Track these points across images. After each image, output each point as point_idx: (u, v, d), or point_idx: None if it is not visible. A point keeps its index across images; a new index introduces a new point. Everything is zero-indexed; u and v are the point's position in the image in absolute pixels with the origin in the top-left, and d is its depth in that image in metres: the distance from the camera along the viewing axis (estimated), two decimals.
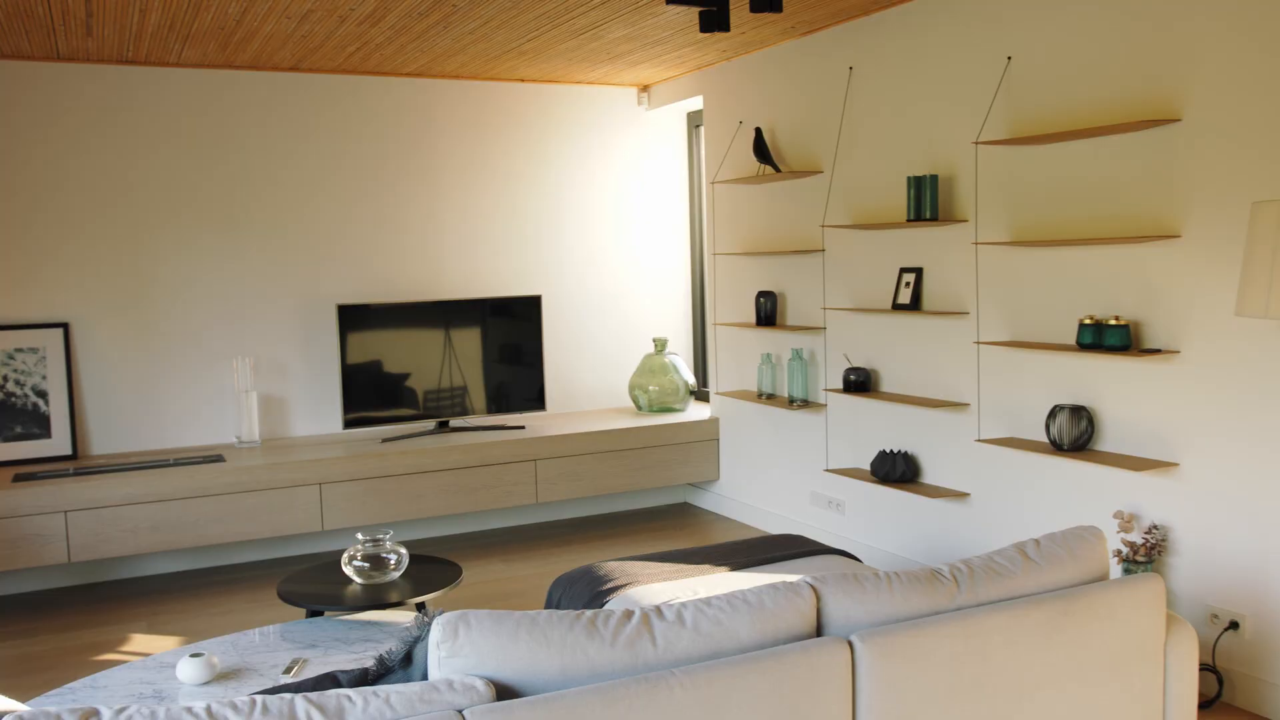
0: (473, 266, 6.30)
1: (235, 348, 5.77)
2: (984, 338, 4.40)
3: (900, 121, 4.77)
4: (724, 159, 6.05)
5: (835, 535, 5.37)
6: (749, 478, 6.09)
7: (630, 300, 6.76)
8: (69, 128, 5.41)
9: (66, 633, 4.60)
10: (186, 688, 3.08)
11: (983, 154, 4.35)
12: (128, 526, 4.95)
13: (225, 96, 5.69)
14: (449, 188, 6.23)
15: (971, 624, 2.28)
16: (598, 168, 6.60)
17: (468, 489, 5.66)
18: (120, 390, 5.55)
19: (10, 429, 5.28)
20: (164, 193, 5.60)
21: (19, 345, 5.32)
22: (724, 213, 6.13)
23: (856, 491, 5.23)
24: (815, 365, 5.45)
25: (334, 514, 5.36)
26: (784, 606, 2.25)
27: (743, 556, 3.92)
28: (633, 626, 2.14)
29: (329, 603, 3.69)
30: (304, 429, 5.96)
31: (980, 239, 4.38)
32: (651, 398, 6.42)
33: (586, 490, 5.97)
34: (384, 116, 6.05)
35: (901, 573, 2.39)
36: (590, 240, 6.61)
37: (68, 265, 5.43)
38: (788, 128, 5.52)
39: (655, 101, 6.61)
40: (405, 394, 5.90)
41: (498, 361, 6.10)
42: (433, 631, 2.07)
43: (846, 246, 5.16)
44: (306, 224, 5.91)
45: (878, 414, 5.03)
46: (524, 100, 6.38)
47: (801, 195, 5.46)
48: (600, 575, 3.73)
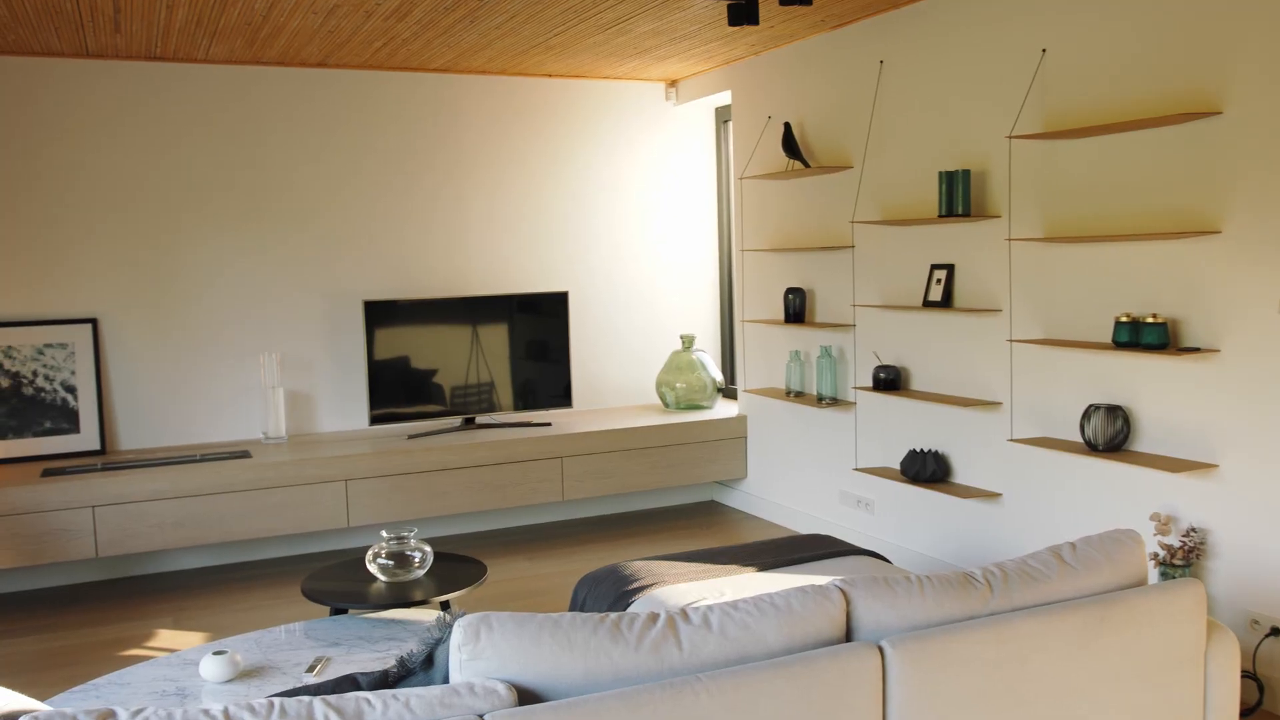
0: (499, 262, 6.28)
1: (262, 343, 5.77)
2: (1017, 335, 4.32)
3: (932, 116, 4.69)
4: (752, 154, 5.99)
5: (864, 535, 5.31)
6: (777, 476, 6.04)
7: (658, 297, 6.71)
8: (98, 124, 5.42)
9: (92, 628, 4.61)
10: (209, 685, 3.07)
11: (1016, 148, 4.27)
12: (154, 522, 4.96)
13: (253, 92, 5.69)
14: (476, 184, 6.20)
15: (1006, 630, 2.22)
16: (625, 163, 6.56)
17: (493, 486, 5.64)
18: (148, 385, 5.57)
19: (40, 424, 5.30)
20: (192, 188, 5.61)
21: (48, 340, 5.34)
22: (752, 208, 6.07)
23: (886, 491, 5.17)
24: (844, 363, 5.39)
25: (360, 510, 5.35)
26: (813, 610, 2.19)
27: (770, 557, 3.86)
28: (658, 630, 2.10)
29: (353, 601, 3.67)
30: (330, 425, 5.95)
31: (1014, 235, 4.31)
32: (679, 395, 6.37)
33: (613, 488, 5.94)
34: (411, 112, 6.03)
35: (933, 576, 2.33)
36: (617, 236, 6.57)
37: (96, 260, 5.45)
38: (817, 122, 5.45)
39: (683, 96, 6.56)
40: (431, 390, 5.88)
41: (524, 358, 6.07)
42: (454, 634, 2.04)
43: (876, 242, 5.09)
44: (333, 219, 5.90)
45: (908, 412, 4.96)
46: (551, 96, 6.34)
47: (831, 191, 5.39)
48: (626, 575, 3.69)
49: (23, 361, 5.29)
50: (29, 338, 5.31)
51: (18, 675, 4.08)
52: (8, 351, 5.27)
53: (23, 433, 5.27)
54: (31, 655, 4.31)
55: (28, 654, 4.32)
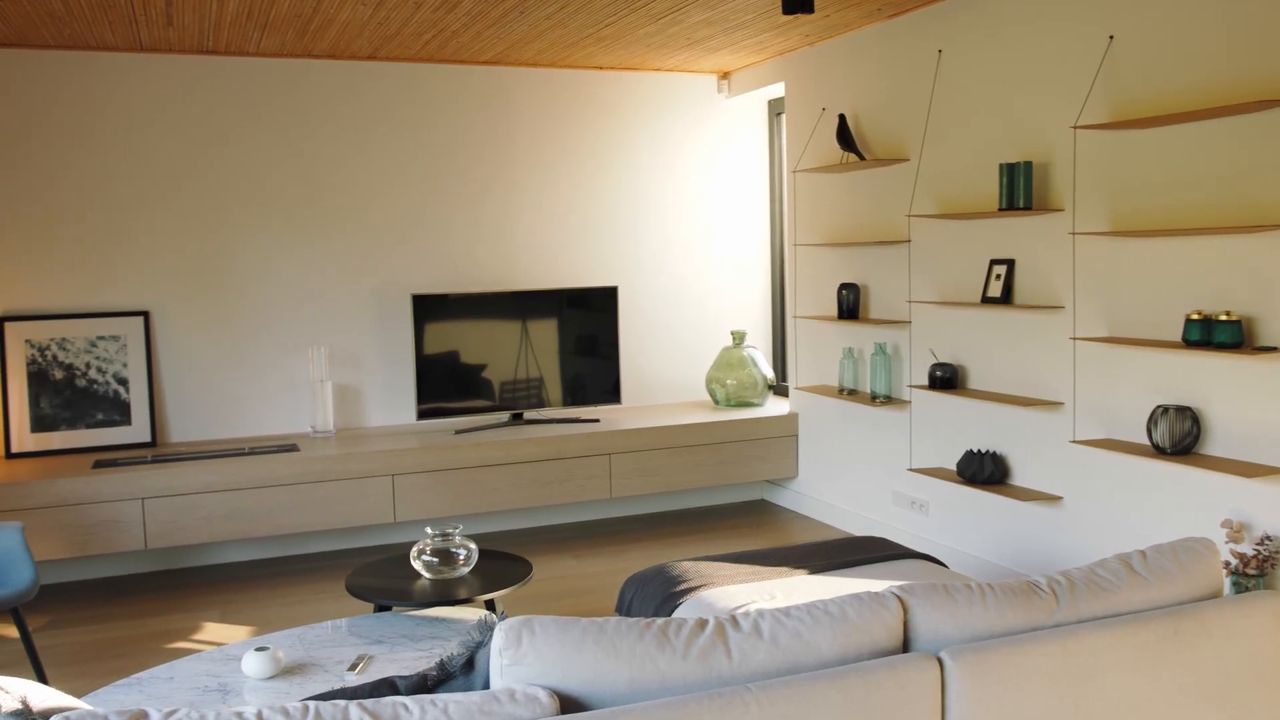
0: (549, 256, 6.22)
1: (311, 337, 5.77)
2: (1081, 333, 4.17)
3: (992, 106, 4.55)
4: (806, 147, 5.87)
5: (918, 537, 5.18)
6: (829, 476, 5.92)
7: (708, 292, 6.62)
8: (151, 118, 5.44)
9: (141, 619, 4.63)
10: (251, 682, 3.03)
11: (1081, 139, 4.12)
12: (202, 514, 4.96)
13: (303, 85, 5.68)
14: (525, 177, 6.15)
15: (1072, 642, 2.11)
16: (676, 157, 6.47)
17: (540, 482, 5.59)
18: (198, 378, 5.58)
19: (92, 416, 5.33)
20: (242, 182, 5.62)
21: (101, 333, 5.38)
22: (805, 202, 5.95)
23: (941, 492, 5.03)
24: (899, 360, 5.26)
25: (406, 506, 5.33)
26: (868, 619, 2.10)
27: (822, 559, 3.76)
28: (706, 637, 2.01)
29: (397, 598, 3.63)
30: (378, 419, 5.94)
31: (1078, 229, 4.16)
32: (729, 392, 6.27)
33: (661, 486, 5.86)
34: (460, 105, 5.99)
35: (995, 584, 2.23)
36: (668, 230, 6.49)
37: (148, 253, 5.48)
38: (872, 114, 5.33)
39: (735, 89, 6.45)
40: (479, 385, 5.84)
41: (573, 353, 6.01)
42: (495, 637, 1.97)
43: (933, 237, 4.95)
44: (382, 213, 5.88)
45: (965, 412, 4.83)
46: (601, 88, 6.27)
47: (886, 184, 5.26)
48: (674, 576, 3.61)
49: (76, 354, 5.32)
50: (82, 330, 5.34)
51: (67, 666, 4.10)
52: (62, 344, 5.31)
53: (76, 424, 5.31)
54: (81, 646, 4.33)
55: (77, 645, 4.34)
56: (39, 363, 5.26)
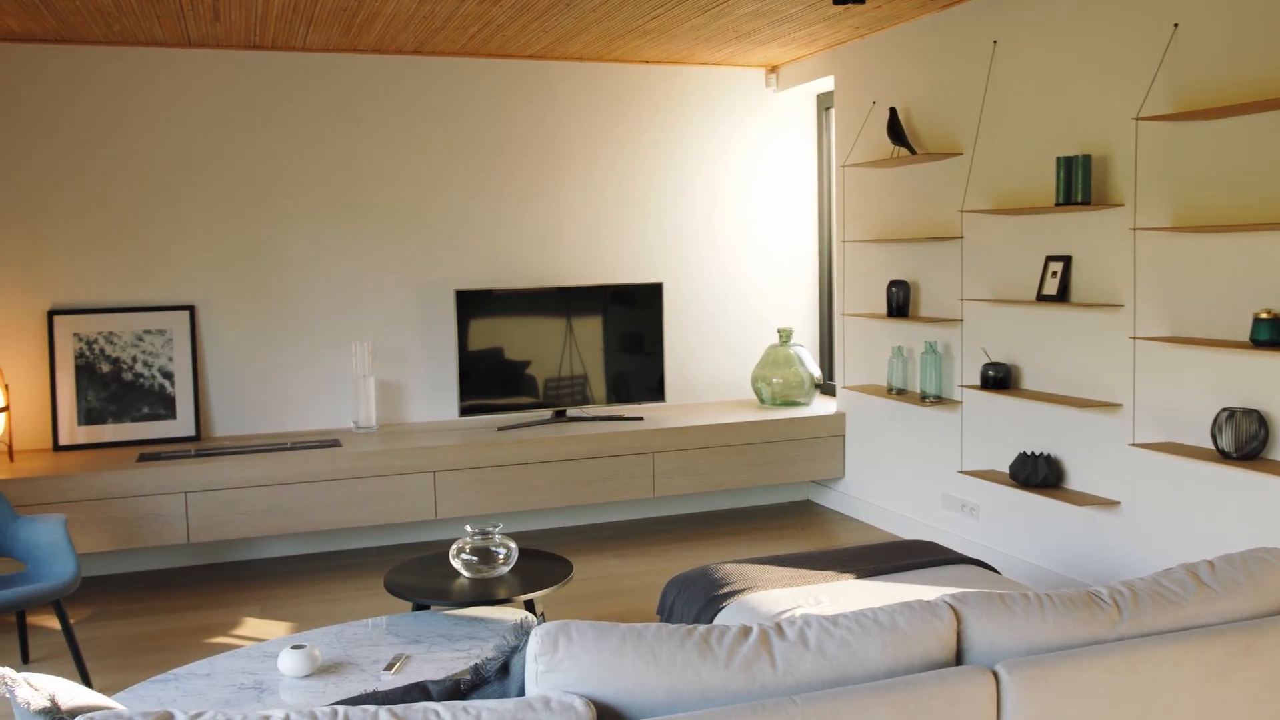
0: (594, 252, 6.16)
1: (354, 332, 5.76)
2: (1141, 332, 4.03)
3: (1049, 98, 4.41)
4: (855, 141, 5.76)
5: (968, 541, 5.05)
6: (876, 477, 5.80)
7: (755, 289, 6.52)
8: (199, 113, 5.45)
9: (182, 613, 4.63)
10: (287, 680, 3.00)
11: (1143, 131, 3.98)
12: (244, 509, 4.96)
13: (348, 80, 5.67)
14: (570, 172, 6.09)
15: (1136, 657, 2.00)
16: (723, 152, 6.38)
17: (583, 481, 5.52)
18: (242, 372, 5.59)
19: (138, 409, 5.35)
20: (288, 176, 5.61)
21: (147, 327, 5.40)
22: (855, 198, 5.84)
23: (993, 495, 4.90)
24: (950, 359, 5.13)
25: (447, 503, 5.29)
26: (920, 629, 2.01)
27: (869, 563, 3.66)
28: (750, 646, 1.93)
29: (435, 597, 3.59)
30: (421, 415, 5.91)
31: (1139, 224, 4.01)
32: (775, 390, 6.17)
33: (705, 485, 5.77)
34: (505, 100, 5.95)
35: (1054, 594, 2.12)
36: (714, 226, 6.40)
37: (195, 248, 5.49)
38: (924, 107, 5.20)
39: (784, 82, 6.35)
40: (522, 382, 5.79)
41: (617, 351, 5.94)
42: (530, 643, 1.91)
43: (987, 233, 4.82)
44: (426, 208, 5.85)
45: (1018, 413, 4.69)
46: (648, 82, 6.20)
47: (938, 179, 5.14)
48: (717, 578, 3.53)
49: (123, 347, 5.35)
50: (129, 324, 5.37)
51: (109, 659, 4.10)
52: (109, 337, 5.33)
53: (121, 418, 5.33)
54: (123, 639, 4.33)
55: (119, 637, 4.35)
56: (86, 356, 5.29)
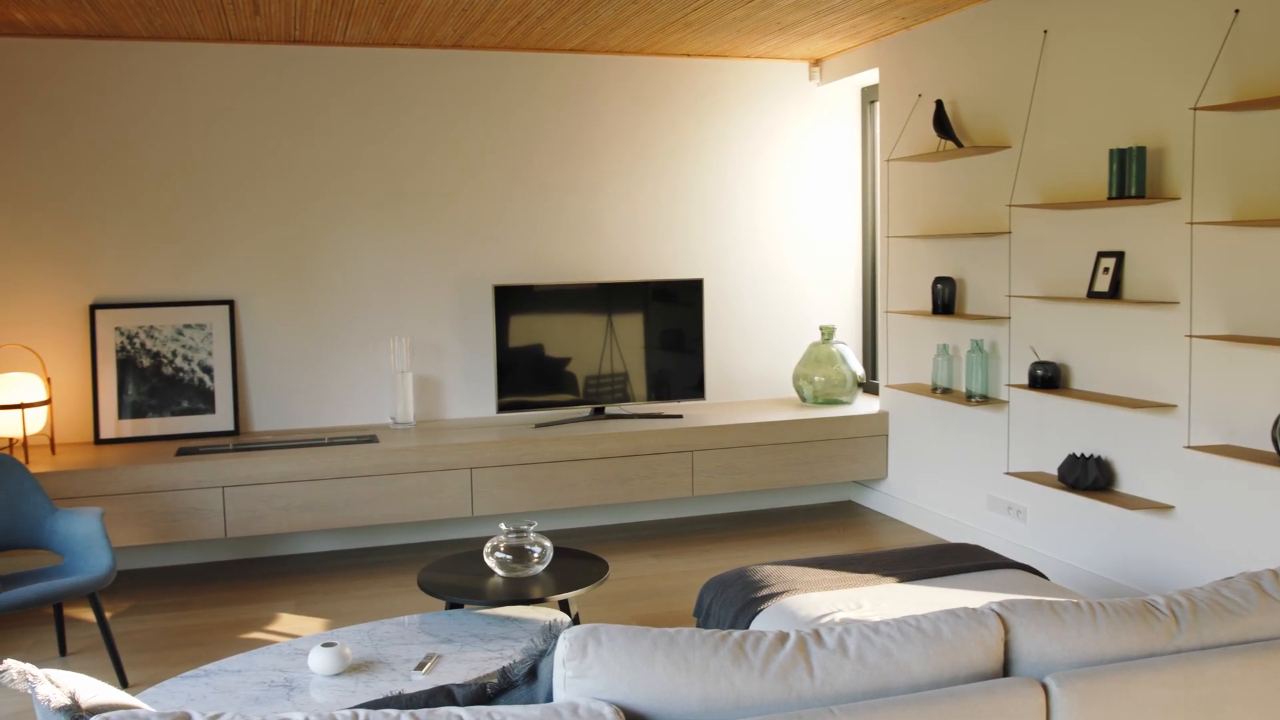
0: (634, 248, 6.09)
1: (392, 327, 5.73)
2: (1197, 331, 3.89)
3: (1102, 88, 4.28)
4: (900, 135, 5.64)
5: (1015, 545, 4.92)
6: (920, 478, 5.68)
7: (796, 285, 6.42)
8: (239, 108, 5.45)
9: (218, 608, 4.62)
10: (317, 678, 2.96)
11: (1201, 121, 3.84)
12: (281, 504, 4.95)
13: (388, 75, 5.64)
14: (610, 167, 6.03)
15: (1194, 671, 1.90)
16: (765, 146, 6.28)
17: (621, 479, 5.46)
18: (280, 367, 5.59)
19: (178, 404, 5.37)
20: (327, 171, 5.60)
21: (188, 321, 5.40)
22: (899, 193, 5.72)
23: (1041, 498, 4.77)
24: (997, 358, 5.01)
25: (484, 500, 5.25)
26: (965, 638, 1.92)
27: (912, 566, 3.56)
28: (786, 653, 1.86)
29: (469, 595, 3.54)
30: (458, 411, 5.88)
31: (1196, 218, 3.88)
32: (816, 389, 6.07)
33: (745, 485, 5.69)
34: (545, 94, 5.89)
35: (1107, 603, 2.02)
36: (756, 222, 6.30)
37: (234, 242, 5.49)
38: (971, 99, 5.08)
39: (828, 76, 6.24)
40: (561, 378, 5.74)
41: (658, 348, 5.87)
42: (559, 647, 1.84)
43: (1036, 228, 4.69)
44: (465, 203, 5.81)
45: (1067, 413, 4.56)
46: (689, 76, 6.12)
47: (985, 172, 5.01)
48: (755, 580, 3.45)
49: (163, 342, 5.36)
50: (169, 318, 5.38)
51: (145, 653, 4.10)
52: (150, 331, 5.35)
53: (162, 411, 5.34)
54: (159, 633, 4.33)
55: (156, 631, 4.35)
56: (128, 350, 5.31)
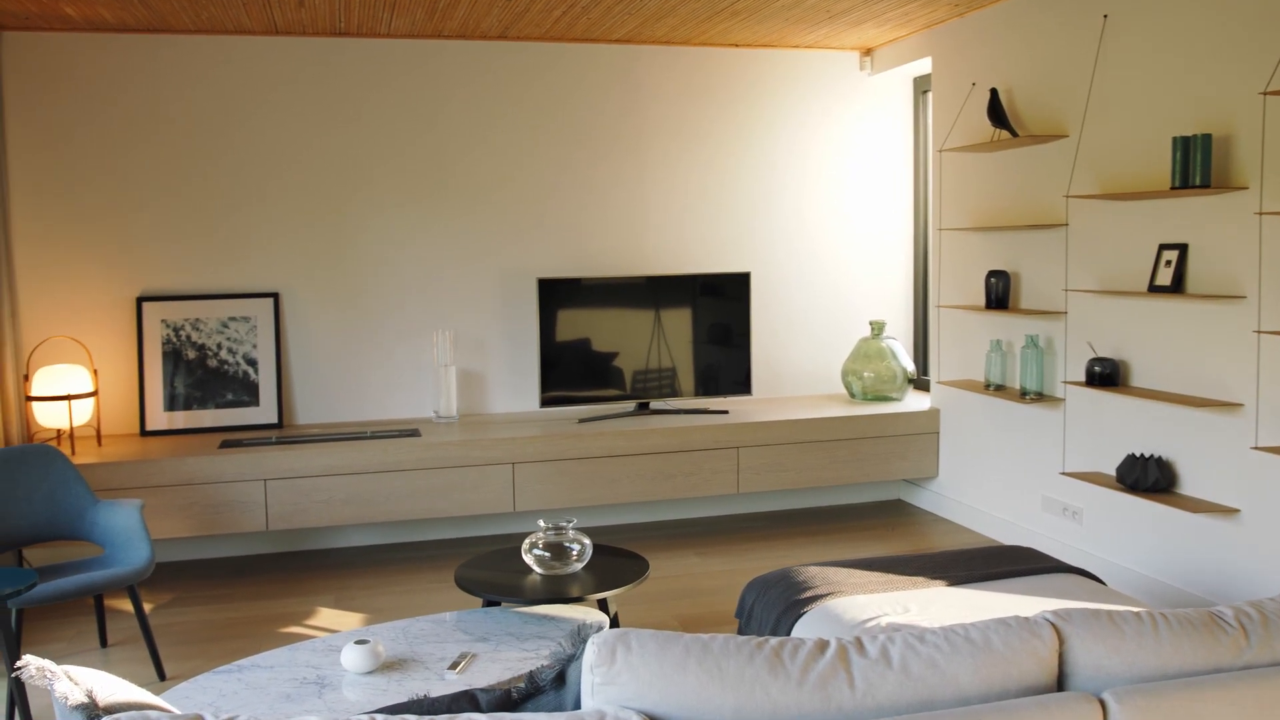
0: (679, 241, 6.00)
1: (435, 320, 5.70)
2: (1265, 326, 3.72)
3: (1165, 74, 4.11)
4: (953, 125, 5.49)
5: (1070, 547, 4.77)
6: (972, 477, 5.54)
7: (846, 279, 6.29)
8: (285, 101, 5.44)
9: (258, 601, 4.61)
10: (349, 676, 2.92)
11: (1272, 106, 3.66)
12: (323, 498, 4.93)
13: (432, 67, 5.60)
14: (657, 159, 5.94)
15: (1267, 690, 1.78)
16: (814, 137, 6.16)
17: (665, 475, 5.38)
18: (324, 360, 5.57)
19: (222, 396, 5.37)
20: (371, 163, 5.57)
21: (233, 314, 5.41)
22: (952, 184, 5.57)
23: (1098, 499, 4.61)
24: (1053, 354, 4.85)
25: (526, 495, 5.19)
26: (1017, 649, 1.81)
27: (963, 569, 3.44)
28: (826, 662, 1.76)
29: (505, 593, 3.48)
30: (502, 406, 5.83)
31: (1265, 208, 3.70)
32: (866, 385, 5.94)
33: (791, 482, 5.58)
34: (591, 85, 5.82)
35: (1170, 613, 1.91)
36: (805, 214, 6.18)
37: (279, 235, 5.48)
38: (1027, 87, 4.92)
39: (879, 65, 6.10)
40: (605, 373, 5.67)
41: (706, 342, 5.78)
42: (587, 652, 1.77)
43: (1094, 219, 4.53)
44: (510, 195, 5.76)
45: (1126, 411, 4.40)
46: (737, 66, 6.01)
47: (1042, 162, 4.86)
48: (799, 582, 3.35)
49: (208, 334, 5.37)
50: (215, 311, 5.39)
51: (184, 645, 4.09)
52: (195, 324, 5.36)
53: (206, 404, 5.35)
54: (199, 625, 4.33)
55: (196, 624, 4.35)
56: (173, 342, 5.32)
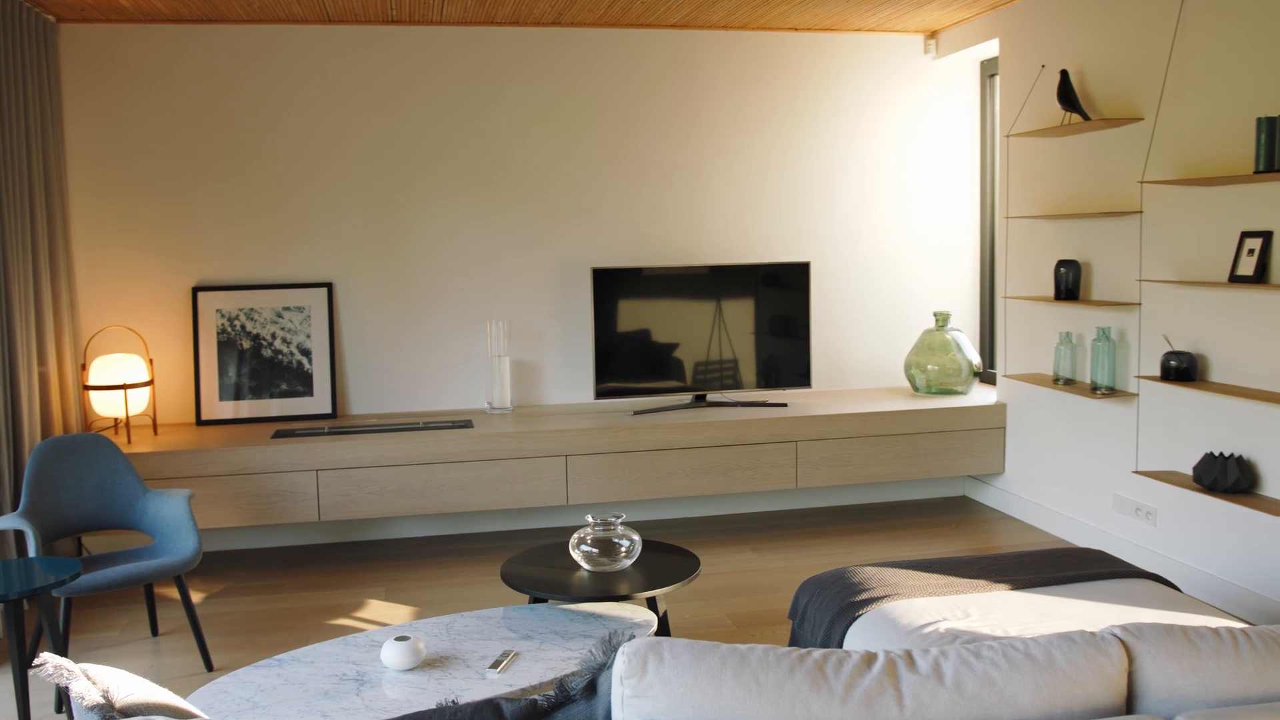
0: (737, 230, 5.87)
1: (489, 310, 5.64)
2: None
3: (1249, 52, 3.89)
4: (1021, 109, 5.29)
5: (1143, 550, 4.57)
6: (1040, 474, 5.34)
7: (909, 269, 6.11)
8: (337, 90, 5.41)
9: (309, 592, 4.60)
10: (389, 673, 2.86)
11: None
12: (374, 489, 4.90)
13: (485, 54, 5.53)
14: (713, 146, 5.82)
15: None
16: (877, 123, 5.98)
17: (721, 469, 5.27)
18: (378, 350, 5.55)
19: (276, 386, 5.37)
20: (424, 152, 5.52)
21: (287, 304, 5.40)
22: (1019, 170, 5.37)
23: (1173, 500, 4.41)
24: (1125, 347, 4.64)
25: (579, 488, 5.12)
26: (1082, 667, 1.68)
27: (1028, 572, 3.29)
28: (873, 678, 1.65)
29: (552, 590, 3.40)
30: (556, 397, 5.76)
31: None
32: (930, 378, 5.77)
33: (851, 477, 5.43)
34: (646, 71, 5.71)
35: (1253, 631, 1.76)
36: (867, 203, 6.01)
37: (333, 225, 5.46)
38: (1099, 69, 4.71)
39: (943, 49, 5.90)
40: (663, 365, 5.57)
41: (767, 333, 5.64)
42: (617, 662, 1.67)
43: (1170, 206, 4.32)
44: (564, 183, 5.68)
45: (1205, 408, 4.19)
46: (796, 51, 5.86)
47: (1114, 147, 4.64)
48: (854, 583, 3.22)
49: (263, 324, 5.37)
50: (269, 300, 5.38)
51: (233, 635, 4.08)
52: (250, 314, 5.36)
53: (261, 394, 5.36)
54: (250, 616, 4.32)
55: (246, 614, 4.34)
56: (228, 332, 5.33)
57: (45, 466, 3.85)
